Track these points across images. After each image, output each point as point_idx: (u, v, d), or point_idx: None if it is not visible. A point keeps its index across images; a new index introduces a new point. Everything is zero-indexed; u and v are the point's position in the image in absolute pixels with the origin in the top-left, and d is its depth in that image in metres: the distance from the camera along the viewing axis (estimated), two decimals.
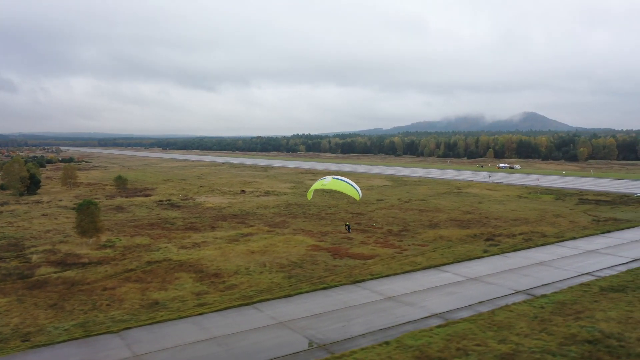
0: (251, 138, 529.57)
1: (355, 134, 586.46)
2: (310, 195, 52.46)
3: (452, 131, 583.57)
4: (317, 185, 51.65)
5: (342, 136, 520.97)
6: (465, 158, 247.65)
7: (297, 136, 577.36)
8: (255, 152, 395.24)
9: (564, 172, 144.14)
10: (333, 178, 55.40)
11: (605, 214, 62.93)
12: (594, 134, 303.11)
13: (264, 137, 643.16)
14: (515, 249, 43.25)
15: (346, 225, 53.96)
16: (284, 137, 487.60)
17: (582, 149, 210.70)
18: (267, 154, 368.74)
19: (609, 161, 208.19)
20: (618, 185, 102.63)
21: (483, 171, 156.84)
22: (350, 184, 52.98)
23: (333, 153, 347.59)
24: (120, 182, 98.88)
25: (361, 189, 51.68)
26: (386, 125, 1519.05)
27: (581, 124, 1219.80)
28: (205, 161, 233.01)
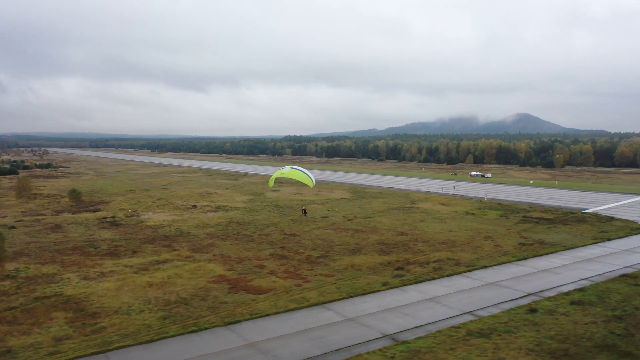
0: (239, 140, 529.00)
1: (345, 136, 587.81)
2: (271, 183, 67.85)
3: (440, 134, 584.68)
4: (277, 174, 62.64)
5: (334, 138, 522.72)
6: (445, 163, 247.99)
7: (288, 138, 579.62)
8: (241, 156, 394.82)
9: (531, 182, 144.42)
10: (291, 168, 68.24)
11: (537, 236, 62.92)
12: (576, 139, 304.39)
13: (253, 139, 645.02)
14: (417, 280, 43.05)
15: (303, 210, 72.73)
16: (272, 140, 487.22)
17: (558, 156, 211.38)
18: (252, 157, 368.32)
19: (585, 168, 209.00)
20: (575, 199, 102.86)
21: (454, 179, 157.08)
22: (305, 173, 65.46)
23: (318, 157, 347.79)
24: (74, 195, 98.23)
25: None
26: (381, 126, 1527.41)
27: (574, 125, 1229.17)
28: (183, 167, 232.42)
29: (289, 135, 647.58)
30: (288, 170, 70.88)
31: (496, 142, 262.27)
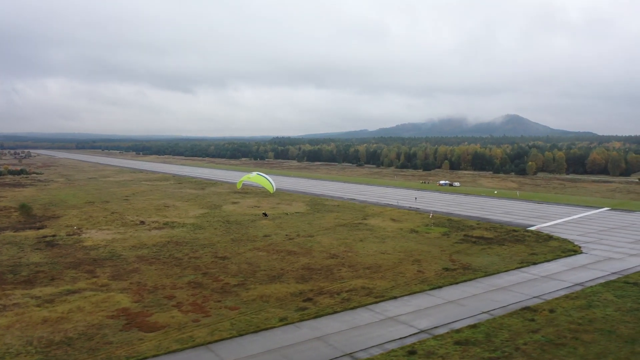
0: (224, 143, 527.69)
1: (331, 139, 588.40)
2: (239, 185, 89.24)
3: (426, 137, 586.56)
4: (245, 178, 79.69)
5: (322, 140, 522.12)
6: (422, 169, 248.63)
7: (276, 139, 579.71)
8: (224, 159, 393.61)
9: (495, 192, 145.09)
10: (257, 174, 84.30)
11: (466, 259, 63.07)
12: (554, 144, 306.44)
13: (241, 140, 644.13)
14: (318, 314, 42.86)
15: (264, 213, 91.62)
16: (256, 143, 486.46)
17: (530, 163, 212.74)
18: (233, 161, 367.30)
19: (557, 175, 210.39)
20: (528, 212, 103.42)
21: (422, 188, 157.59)
22: (267, 179, 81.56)
23: (299, 161, 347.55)
24: (24, 210, 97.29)
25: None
26: (372, 126, 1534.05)
27: (563, 127, 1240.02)
28: (158, 173, 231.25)
29: (277, 137, 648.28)
30: (254, 176, 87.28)
31: (472, 148, 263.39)
